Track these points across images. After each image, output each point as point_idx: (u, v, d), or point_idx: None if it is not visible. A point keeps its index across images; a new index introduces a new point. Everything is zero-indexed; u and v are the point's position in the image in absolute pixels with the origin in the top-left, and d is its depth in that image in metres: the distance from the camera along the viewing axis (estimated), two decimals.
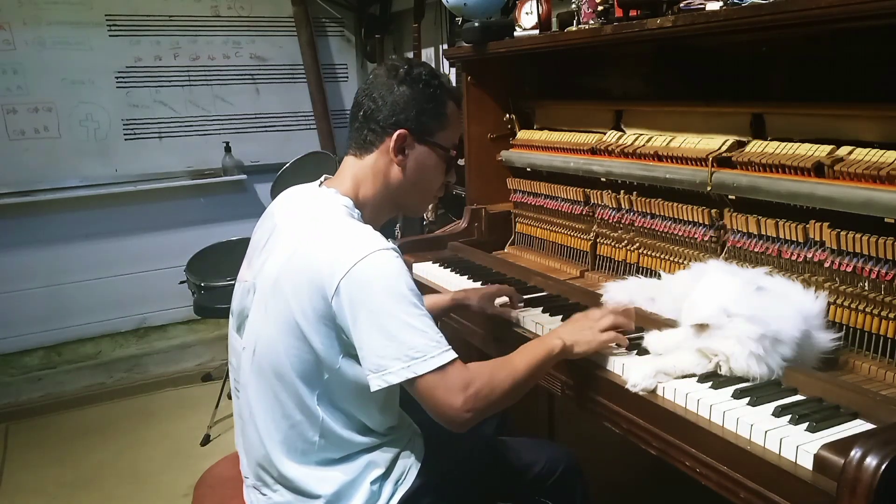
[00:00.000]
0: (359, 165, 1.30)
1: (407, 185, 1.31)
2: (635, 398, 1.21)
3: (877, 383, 1.16)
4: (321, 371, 1.18)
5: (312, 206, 1.26)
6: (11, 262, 3.33)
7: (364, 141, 1.29)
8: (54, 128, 3.31)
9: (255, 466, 1.27)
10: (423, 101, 1.28)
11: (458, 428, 1.13)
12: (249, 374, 1.24)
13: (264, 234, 1.30)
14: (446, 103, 1.31)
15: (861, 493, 0.84)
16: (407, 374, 1.09)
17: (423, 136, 1.29)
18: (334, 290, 1.10)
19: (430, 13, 3.22)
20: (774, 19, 1.17)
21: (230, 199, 3.74)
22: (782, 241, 1.35)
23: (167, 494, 2.64)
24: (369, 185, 1.30)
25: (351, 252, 1.11)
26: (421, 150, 1.30)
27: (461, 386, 1.10)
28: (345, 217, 1.21)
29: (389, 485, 1.25)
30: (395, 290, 1.11)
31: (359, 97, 1.31)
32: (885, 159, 1.19)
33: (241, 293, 1.30)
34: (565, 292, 1.68)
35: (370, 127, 1.28)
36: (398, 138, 1.27)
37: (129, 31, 3.39)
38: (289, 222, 1.26)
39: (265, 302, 1.21)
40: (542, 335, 1.32)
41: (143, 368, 3.66)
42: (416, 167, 1.30)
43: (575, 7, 1.71)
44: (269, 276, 1.21)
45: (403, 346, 1.09)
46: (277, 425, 1.21)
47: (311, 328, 1.14)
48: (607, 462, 1.78)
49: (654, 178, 1.60)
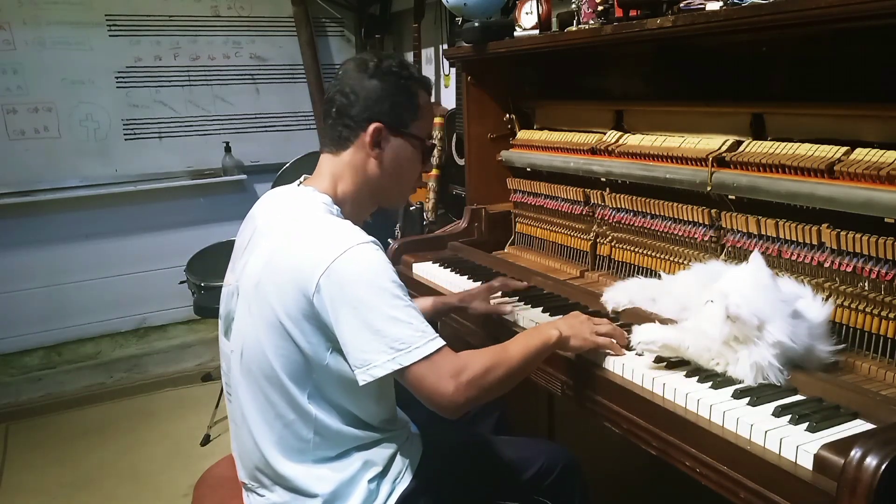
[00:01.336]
0: (335, 162, 1.30)
1: (385, 178, 1.31)
2: (636, 398, 1.21)
3: (877, 383, 1.16)
4: (309, 369, 1.17)
5: (292, 205, 1.27)
6: (11, 262, 3.33)
7: (339, 137, 1.29)
8: (54, 128, 3.31)
9: (252, 469, 1.27)
10: (395, 93, 1.28)
11: (451, 414, 1.13)
12: (239, 377, 1.24)
13: (246, 237, 1.30)
14: (418, 94, 1.32)
15: (861, 493, 0.84)
16: (392, 367, 1.09)
17: (398, 127, 1.30)
18: (315, 287, 1.10)
19: (430, 13, 3.22)
20: (774, 19, 1.17)
21: (230, 199, 3.74)
22: (782, 241, 1.35)
23: (167, 494, 2.64)
24: (348, 180, 1.30)
25: (330, 248, 1.12)
26: (397, 142, 1.30)
27: (452, 373, 1.10)
28: (323, 214, 1.22)
29: (387, 483, 1.24)
30: (375, 284, 1.11)
31: (330, 93, 1.31)
32: (886, 159, 1.19)
33: (227, 297, 1.30)
34: (565, 292, 1.68)
35: (344, 122, 1.28)
36: (374, 132, 1.27)
37: (129, 31, 3.39)
38: (269, 223, 1.26)
39: (248, 304, 1.21)
40: (540, 324, 1.32)
41: (143, 368, 3.66)
42: (393, 159, 1.31)
43: (575, 7, 1.71)
44: (250, 277, 1.21)
45: (387, 338, 1.09)
46: (271, 426, 1.21)
47: (295, 327, 1.14)
48: (607, 462, 1.78)
49: (654, 178, 1.60)
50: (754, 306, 1.12)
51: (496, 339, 1.60)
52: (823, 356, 1.19)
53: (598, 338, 1.30)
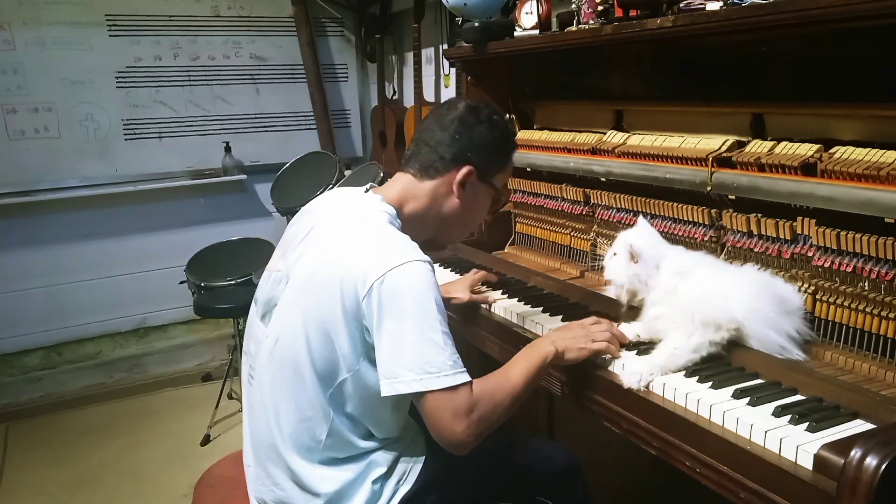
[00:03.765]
0: (415, 185, 1.35)
1: (456, 216, 1.37)
2: (635, 398, 1.21)
3: (877, 383, 1.16)
4: (339, 371, 1.19)
5: (357, 208, 1.29)
6: (11, 262, 3.33)
7: (429, 166, 1.35)
8: (54, 128, 3.31)
9: (262, 455, 1.28)
10: (496, 146, 1.37)
11: (459, 452, 1.14)
12: (267, 363, 1.25)
13: (302, 229, 1.31)
14: (512, 153, 1.42)
15: (861, 493, 0.84)
16: (418, 387, 1.10)
17: (486, 175, 1.37)
18: (367, 291, 1.12)
19: (430, 13, 3.22)
20: (774, 19, 1.18)
21: (230, 199, 3.74)
22: (782, 240, 1.35)
23: (167, 494, 2.64)
24: (420, 204, 1.35)
25: (389, 258, 1.14)
26: (480, 187, 1.37)
27: (466, 410, 1.12)
28: (385, 223, 1.24)
29: (391, 484, 1.25)
30: (423, 303, 1.13)
31: (431, 123, 1.37)
32: (885, 159, 1.19)
33: (272, 283, 1.31)
34: (565, 292, 1.68)
35: (440, 155, 1.34)
36: (465, 174, 1.33)
37: (129, 31, 3.39)
38: (330, 221, 1.28)
39: (297, 296, 1.22)
40: (535, 340, 1.33)
41: (143, 368, 3.66)
42: (470, 201, 1.37)
43: (575, 7, 1.71)
44: (303, 270, 1.22)
45: (420, 358, 1.10)
46: (288, 418, 1.22)
47: (338, 327, 1.16)
48: (607, 462, 1.78)
49: (654, 178, 1.60)
50: (654, 249, 1.35)
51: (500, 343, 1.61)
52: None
53: (595, 344, 1.31)
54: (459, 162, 1.33)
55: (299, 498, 1.24)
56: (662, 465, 1.17)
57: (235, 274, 3.03)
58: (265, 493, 1.28)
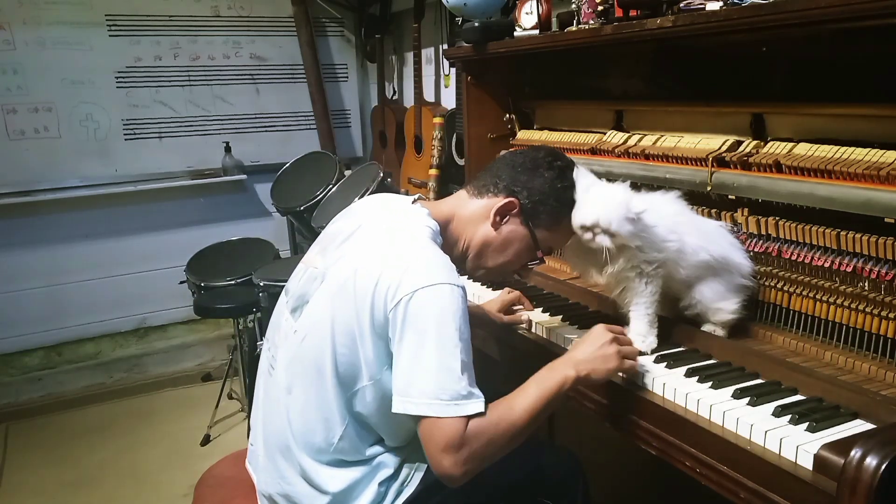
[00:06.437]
0: (464, 200, 1.37)
1: (485, 246, 1.36)
2: (635, 398, 1.21)
3: (877, 383, 1.16)
4: (360, 377, 1.19)
5: (402, 219, 1.28)
6: (11, 262, 3.32)
7: (482, 186, 1.36)
8: (54, 128, 3.31)
9: (272, 448, 1.28)
10: (553, 196, 1.34)
11: (448, 484, 1.12)
12: (290, 358, 1.26)
13: (344, 229, 1.30)
14: (566, 216, 1.34)
15: (861, 493, 0.84)
16: (426, 411, 1.09)
17: (530, 219, 1.34)
18: (395, 303, 1.12)
19: (430, 13, 3.22)
20: (774, 19, 1.17)
21: (230, 199, 3.74)
22: (782, 240, 1.35)
23: (167, 494, 2.64)
24: (461, 222, 1.35)
25: (424, 276, 1.13)
26: (519, 229, 1.35)
27: (456, 445, 1.08)
28: (427, 239, 1.23)
29: (395, 487, 1.26)
30: (448, 325, 1.11)
31: (509, 154, 1.42)
32: (885, 159, 1.19)
33: (308, 278, 1.30)
34: (565, 292, 1.68)
35: (500, 177, 1.35)
36: (508, 203, 1.33)
37: (129, 31, 3.38)
38: (373, 229, 1.27)
39: (330, 298, 1.21)
40: (554, 361, 1.23)
41: (143, 368, 3.66)
42: (504, 237, 1.35)
43: (575, 7, 1.71)
44: (341, 273, 1.22)
45: (434, 383, 1.09)
46: (303, 417, 1.23)
47: (366, 334, 1.16)
48: (608, 462, 1.78)
49: (654, 178, 1.60)
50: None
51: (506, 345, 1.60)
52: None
53: (625, 362, 1.24)
54: (509, 192, 1.33)
55: (306, 493, 1.24)
56: (662, 466, 1.17)
57: (235, 274, 3.03)
58: (272, 484, 1.29)
